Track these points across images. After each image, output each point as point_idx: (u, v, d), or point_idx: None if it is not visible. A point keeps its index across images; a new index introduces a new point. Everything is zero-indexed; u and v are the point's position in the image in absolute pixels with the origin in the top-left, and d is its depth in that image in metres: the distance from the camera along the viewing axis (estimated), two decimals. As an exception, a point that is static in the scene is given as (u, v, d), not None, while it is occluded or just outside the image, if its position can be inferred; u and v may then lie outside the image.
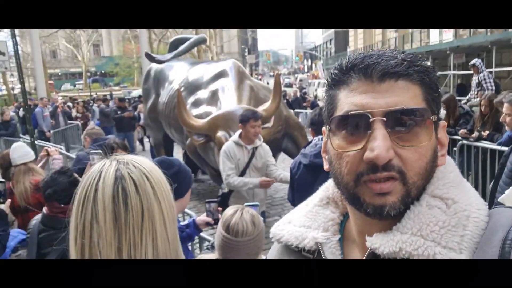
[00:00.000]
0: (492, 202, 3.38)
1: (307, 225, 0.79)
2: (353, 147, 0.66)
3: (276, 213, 6.14)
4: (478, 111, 5.34)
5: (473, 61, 8.26)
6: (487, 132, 4.99)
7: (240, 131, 4.06)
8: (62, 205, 2.24)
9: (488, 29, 15.15)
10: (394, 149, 0.64)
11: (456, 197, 0.67)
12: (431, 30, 19.74)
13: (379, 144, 0.62)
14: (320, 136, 2.93)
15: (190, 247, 3.34)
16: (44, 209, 2.37)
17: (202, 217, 2.38)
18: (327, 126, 0.71)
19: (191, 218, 2.56)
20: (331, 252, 0.76)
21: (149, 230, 0.95)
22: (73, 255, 0.95)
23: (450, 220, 0.65)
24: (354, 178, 0.66)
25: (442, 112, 6.17)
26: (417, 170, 0.65)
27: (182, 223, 2.51)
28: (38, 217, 2.39)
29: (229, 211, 1.86)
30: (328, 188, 0.82)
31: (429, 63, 0.70)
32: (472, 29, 17.17)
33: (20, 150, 3.60)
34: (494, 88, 7.51)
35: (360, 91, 0.67)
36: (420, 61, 0.69)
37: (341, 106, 0.69)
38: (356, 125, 0.66)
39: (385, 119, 0.64)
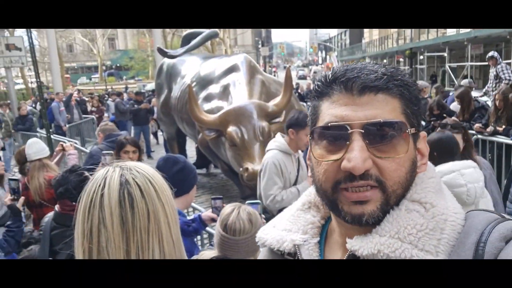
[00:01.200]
0: (506, 196, 3.33)
1: (288, 229, 0.82)
2: (332, 157, 0.68)
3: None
4: (493, 105, 5.24)
5: (490, 53, 8.08)
6: (503, 126, 4.89)
7: (278, 136, 3.30)
8: (74, 203, 2.27)
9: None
10: (372, 159, 0.66)
11: (434, 202, 0.69)
12: (448, 20, 19.27)
13: (356, 155, 0.65)
14: None
15: (199, 241, 3.39)
16: (56, 207, 2.43)
17: (208, 213, 2.42)
18: (310, 135, 0.73)
19: (198, 213, 2.60)
20: (308, 254, 0.77)
21: (155, 232, 0.99)
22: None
23: (428, 224, 0.67)
24: (331, 185, 0.69)
25: (456, 106, 6.06)
26: (397, 180, 0.67)
27: (188, 218, 2.55)
28: (50, 214, 2.46)
29: (226, 209, 1.88)
30: (310, 193, 0.85)
31: (408, 78, 0.71)
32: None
33: (35, 146, 3.68)
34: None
35: (341, 103, 0.69)
36: (400, 75, 0.71)
37: (322, 117, 0.72)
38: (336, 136, 0.68)
39: (363, 131, 0.66)
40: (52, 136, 7.79)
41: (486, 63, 8.62)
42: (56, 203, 2.47)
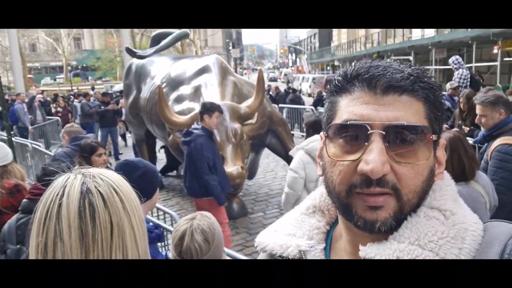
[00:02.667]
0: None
1: (292, 234, 0.78)
2: (348, 157, 0.64)
3: (260, 209, 6.13)
4: (458, 108, 5.41)
5: (450, 59, 8.39)
6: (467, 128, 5.05)
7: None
8: (44, 188, 2.27)
9: (469, 25, 15.36)
10: (390, 164, 0.62)
11: (454, 209, 0.66)
12: (413, 25, 19.92)
13: (375, 157, 0.61)
14: None
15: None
16: (26, 197, 2.41)
17: None
18: (325, 132, 0.69)
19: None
20: None
21: (119, 247, 0.90)
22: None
23: (449, 232, 0.64)
24: (346, 188, 0.65)
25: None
26: (412, 188, 0.64)
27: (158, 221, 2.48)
28: (10, 221, 2.36)
29: (178, 231, 1.74)
30: (315, 197, 0.81)
31: (434, 81, 0.68)
32: (453, 25, 17.38)
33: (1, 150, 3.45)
34: (467, 86, 7.59)
35: (362, 101, 0.65)
36: (426, 78, 0.67)
37: (340, 114, 0.67)
38: (354, 135, 0.64)
39: (384, 132, 0.62)
40: (13, 139, 7.45)
41: (449, 67, 8.91)
42: (16, 210, 2.43)
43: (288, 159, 6.21)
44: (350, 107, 0.66)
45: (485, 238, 0.64)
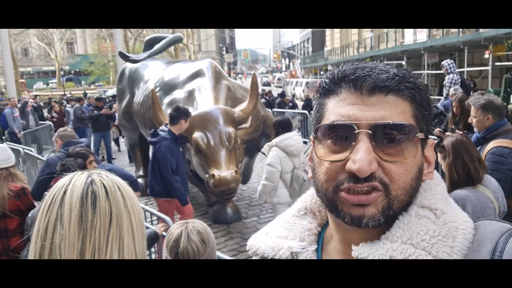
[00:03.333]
0: None
1: (283, 236, 0.78)
2: (336, 157, 0.65)
3: (254, 213, 6.11)
4: (451, 111, 5.45)
5: (442, 62, 8.44)
6: (460, 132, 5.08)
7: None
8: None
9: (460, 30, 15.56)
10: (378, 162, 0.63)
11: (444, 208, 0.67)
12: (406, 30, 20.11)
13: (362, 156, 0.61)
14: None
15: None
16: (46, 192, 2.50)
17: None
18: (313, 134, 0.70)
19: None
20: None
21: (116, 237, 0.94)
22: (31, 258, 0.92)
23: (440, 230, 0.65)
24: (333, 185, 0.66)
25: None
26: (401, 184, 0.65)
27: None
28: (34, 210, 2.56)
29: (173, 234, 1.72)
30: (306, 198, 0.82)
31: (421, 81, 0.69)
32: (445, 30, 17.58)
33: (2, 154, 3.41)
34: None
35: (349, 102, 0.66)
36: (412, 78, 0.68)
37: (328, 115, 0.69)
38: (342, 135, 0.65)
39: (370, 132, 0.63)
40: (5, 144, 7.38)
41: (441, 72, 8.97)
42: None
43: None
44: (337, 108, 0.67)
45: (477, 236, 0.65)
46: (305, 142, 11.32)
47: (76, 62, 54.42)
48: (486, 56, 15.13)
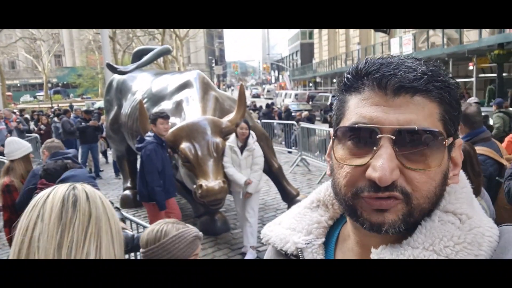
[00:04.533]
0: None
1: (292, 227, 0.77)
2: (356, 161, 0.62)
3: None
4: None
5: None
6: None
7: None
8: (47, 182, 2.68)
9: (445, 42, 15.89)
10: (400, 170, 0.59)
11: (470, 213, 0.63)
12: (392, 43, 20.47)
13: (384, 164, 0.58)
14: None
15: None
16: (34, 193, 2.60)
17: None
18: (333, 132, 0.67)
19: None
20: (312, 256, 0.73)
21: (94, 236, 0.98)
22: (11, 255, 0.97)
23: (466, 237, 0.61)
24: (353, 191, 0.62)
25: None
26: (424, 193, 0.61)
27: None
28: None
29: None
30: (321, 190, 0.80)
31: (451, 78, 0.64)
32: (430, 42, 17.94)
33: (7, 147, 3.69)
34: None
35: (372, 102, 0.62)
36: (442, 76, 0.63)
37: (349, 115, 0.64)
38: (363, 138, 0.61)
39: (393, 137, 0.59)
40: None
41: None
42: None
43: (271, 173, 6.23)
44: (359, 108, 0.63)
45: (501, 243, 0.61)
46: (289, 152, 11.50)
47: (64, 74, 54.09)
48: (471, 68, 15.45)
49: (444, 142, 0.61)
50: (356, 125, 0.62)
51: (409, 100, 0.60)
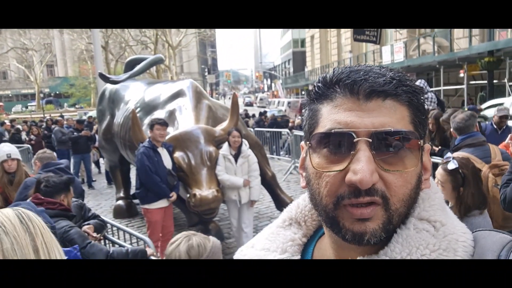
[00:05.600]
0: None
1: (266, 248, 0.76)
2: (334, 167, 0.61)
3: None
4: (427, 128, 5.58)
5: (417, 82, 8.67)
6: (436, 148, 5.20)
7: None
8: (43, 198, 2.65)
9: (436, 50, 16.08)
10: (378, 173, 0.60)
11: (443, 220, 0.65)
12: (383, 51, 20.66)
13: (363, 167, 0.58)
14: None
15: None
16: None
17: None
18: (307, 142, 0.66)
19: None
20: None
21: (53, 239, 1.11)
22: None
23: (441, 244, 0.62)
24: (334, 200, 0.62)
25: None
26: (401, 197, 0.61)
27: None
28: None
29: (173, 241, 1.94)
30: (292, 209, 0.79)
31: (416, 84, 0.66)
32: (421, 50, 18.13)
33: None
34: (435, 108, 7.86)
35: (345, 108, 0.62)
36: (408, 81, 0.65)
37: (323, 122, 0.64)
38: (339, 144, 0.61)
39: (370, 140, 0.59)
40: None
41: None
42: None
43: (264, 182, 6.22)
44: (333, 115, 0.63)
45: (477, 249, 0.62)
46: (278, 159, 11.55)
47: (56, 84, 53.85)
48: (461, 75, 15.62)
49: (419, 142, 0.62)
50: (332, 131, 0.62)
51: (381, 104, 0.62)
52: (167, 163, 4.78)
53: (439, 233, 0.63)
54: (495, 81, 14.12)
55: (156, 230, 4.75)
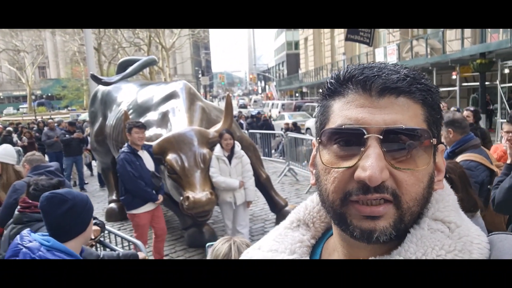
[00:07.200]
0: None
1: (274, 249, 0.74)
2: (343, 164, 0.60)
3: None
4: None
5: None
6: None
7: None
8: (30, 201, 2.60)
9: (428, 52, 16.18)
10: (389, 170, 0.58)
11: (458, 221, 0.63)
12: (376, 53, 20.75)
13: (373, 163, 0.57)
14: None
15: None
16: (16, 210, 2.65)
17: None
18: (318, 138, 0.65)
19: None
20: None
21: None
22: None
23: (456, 245, 0.60)
24: (341, 196, 0.60)
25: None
26: (413, 195, 0.60)
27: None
28: (5, 231, 2.72)
29: (219, 251, 1.88)
30: (299, 210, 0.78)
31: (431, 82, 0.65)
32: (414, 52, 18.25)
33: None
34: None
35: (357, 104, 0.61)
36: (423, 79, 0.63)
37: (334, 118, 0.63)
38: (349, 140, 0.60)
39: (381, 137, 0.58)
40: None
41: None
42: None
43: (259, 184, 6.17)
44: (344, 111, 0.62)
45: (494, 252, 0.61)
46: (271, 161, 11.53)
47: (48, 86, 53.45)
48: (454, 77, 15.72)
49: (432, 141, 0.61)
50: (343, 126, 0.61)
51: (394, 101, 0.61)
52: (150, 165, 4.68)
53: (454, 234, 0.61)
54: (487, 83, 14.21)
55: (144, 233, 4.68)
